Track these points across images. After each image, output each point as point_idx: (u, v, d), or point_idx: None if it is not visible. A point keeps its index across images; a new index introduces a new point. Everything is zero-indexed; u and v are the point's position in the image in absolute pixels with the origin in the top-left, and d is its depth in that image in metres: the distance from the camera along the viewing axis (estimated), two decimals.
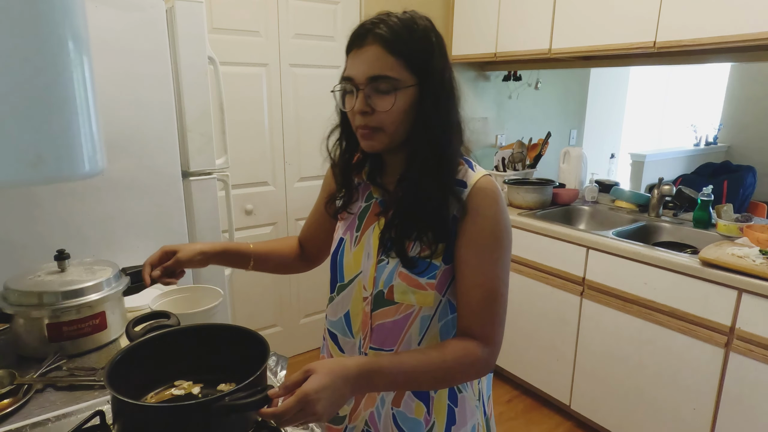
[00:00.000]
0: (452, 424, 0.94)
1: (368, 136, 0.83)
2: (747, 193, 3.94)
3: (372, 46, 0.79)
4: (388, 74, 0.79)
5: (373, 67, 0.79)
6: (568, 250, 2.24)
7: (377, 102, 0.80)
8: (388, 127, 0.82)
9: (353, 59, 0.82)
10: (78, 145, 0.47)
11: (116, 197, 1.57)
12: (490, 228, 0.84)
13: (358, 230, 0.94)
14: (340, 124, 0.93)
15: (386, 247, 0.88)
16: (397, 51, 0.79)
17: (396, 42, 0.79)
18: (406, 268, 0.86)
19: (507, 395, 2.60)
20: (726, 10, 1.87)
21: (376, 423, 0.94)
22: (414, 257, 0.85)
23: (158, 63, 1.59)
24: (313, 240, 1.13)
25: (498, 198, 0.86)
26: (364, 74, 0.80)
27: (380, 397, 0.93)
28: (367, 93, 0.81)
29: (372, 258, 0.91)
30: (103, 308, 1.11)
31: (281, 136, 2.65)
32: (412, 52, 0.80)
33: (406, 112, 0.82)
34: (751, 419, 1.73)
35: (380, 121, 0.81)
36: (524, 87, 3.41)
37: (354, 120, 0.84)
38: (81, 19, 0.47)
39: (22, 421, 0.86)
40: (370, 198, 0.95)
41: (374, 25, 0.80)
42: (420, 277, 0.86)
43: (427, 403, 0.92)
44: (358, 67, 0.80)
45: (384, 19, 0.81)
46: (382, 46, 0.79)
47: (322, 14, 2.63)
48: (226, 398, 0.68)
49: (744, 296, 1.70)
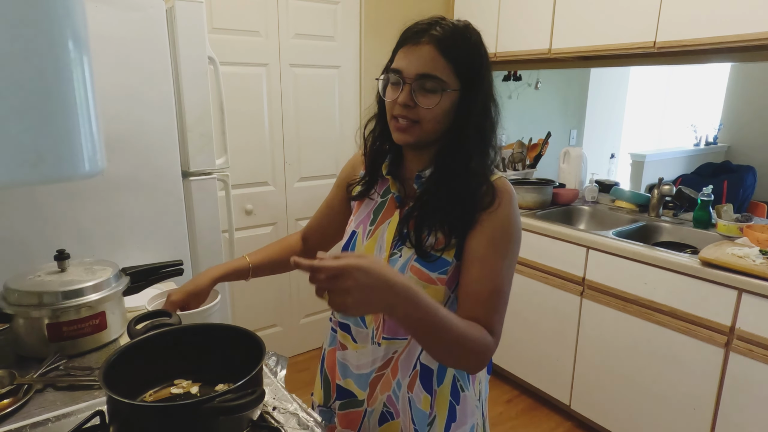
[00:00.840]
0: (452, 421, 0.96)
1: (404, 128, 0.86)
2: (747, 193, 3.94)
3: (427, 45, 0.83)
4: (437, 75, 0.83)
5: (426, 65, 0.83)
6: (568, 250, 2.24)
7: (422, 99, 0.84)
8: (426, 123, 0.85)
9: (405, 53, 0.85)
10: (78, 145, 0.47)
11: (116, 197, 1.57)
12: (504, 226, 0.86)
13: (372, 224, 0.97)
14: (377, 114, 0.97)
15: (402, 238, 0.90)
16: (450, 56, 0.83)
17: (450, 47, 0.83)
18: (420, 259, 0.88)
19: (507, 395, 2.60)
20: (726, 10, 1.87)
21: (395, 404, 0.96)
22: (428, 250, 0.87)
23: (158, 62, 1.59)
24: (321, 233, 1.15)
25: (513, 200, 0.89)
26: (415, 69, 0.83)
27: (395, 381, 0.95)
28: (414, 88, 0.84)
29: (384, 251, 0.93)
30: (103, 308, 1.11)
31: (281, 136, 2.65)
32: (462, 60, 0.84)
33: (446, 113, 0.86)
34: (751, 419, 1.73)
35: (420, 116, 0.85)
36: (524, 87, 3.41)
37: (393, 110, 0.87)
38: (81, 19, 0.47)
39: (22, 421, 0.86)
40: (387, 193, 0.98)
41: (431, 26, 0.84)
42: (431, 272, 0.88)
43: (432, 396, 0.94)
44: (410, 62, 0.84)
45: (439, 21, 0.85)
46: (436, 47, 0.83)
47: (322, 14, 2.63)
48: (216, 400, 0.68)
49: (744, 296, 1.70)
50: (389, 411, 0.97)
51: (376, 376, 0.98)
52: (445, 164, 0.88)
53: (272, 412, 0.91)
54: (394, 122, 0.87)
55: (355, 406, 1.01)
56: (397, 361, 0.95)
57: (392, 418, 0.97)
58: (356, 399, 1.00)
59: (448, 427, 0.95)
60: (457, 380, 0.96)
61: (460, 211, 0.86)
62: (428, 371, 0.94)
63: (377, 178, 1.00)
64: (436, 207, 0.87)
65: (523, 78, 3.33)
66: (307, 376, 2.77)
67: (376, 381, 0.98)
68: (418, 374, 0.94)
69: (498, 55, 2.76)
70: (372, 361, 0.97)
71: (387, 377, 0.97)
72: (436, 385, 0.94)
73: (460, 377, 0.96)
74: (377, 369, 0.97)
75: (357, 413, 1.01)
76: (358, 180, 1.03)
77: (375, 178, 1.00)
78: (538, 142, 3.08)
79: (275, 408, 0.93)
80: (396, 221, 0.94)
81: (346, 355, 1.01)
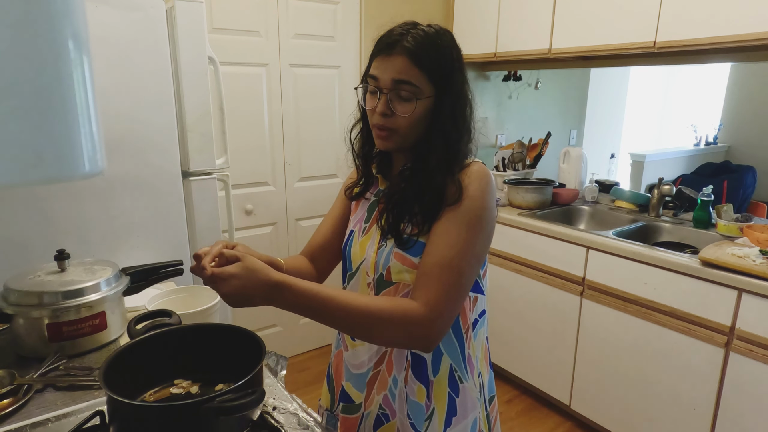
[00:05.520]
0: (453, 415, 0.96)
1: (384, 136, 0.91)
2: (747, 193, 3.93)
3: (399, 56, 0.86)
4: (411, 81, 0.86)
5: (399, 74, 0.86)
6: (568, 250, 2.24)
7: (398, 107, 0.87)
8: (403, 130, 0.89)
9: (380, 63, 0.88)
10: (78, 145, 0.47)
11: (116, 197, 1.57)
12: (471, 206, 0.87)
13: (367, 222, 1.00)
14: (361, 119, 1.00)
15: (383, 231, 0.94)
16: (421, 64, 0.85)
17: (422, 56, 0.85)
18: (399, 247, 0.91)
19: (507, 395, 2.60)
20: (726, 10, 1.87)
21: (390, 404, 0.97)
22: (405, 237, 0.91)
23: (158, 63, 1.59)
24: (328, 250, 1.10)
25: (485, 180, 0.89)
26: (389, 77, 0.86)
27: (392, 378, 0.96)
28: (390, 97, 0.87)
29: (375, 245, 0.96)
30: (103, 308, 1.11)
31: (281, 136, 2.65)
32: (434, 67, 0.87)
33: (422, 118, 0.89)
34: (751, 419, 1.73)
35: (397, 124, 0.88)
36: (524, 87, 3.41)
37: (372, 118, 0.91)
38: (81, 19, 0.47)
39: (22, 421, 0.86)
40: (379, 192, 1.01)
41: (402, 37, 0.86)
42: (413, 257, 0.90)
43: (427, 387, 0.94)
44: (384, 72, 0.87)
45: (410, 30, 0.87)
46: (408, 58, 0.85)
47: (322, 14, 2.63)
48: (216, 400, 0.68)
49: (744, 296, 1.70)
50: (384, 413, 0.97)
51: (372, 375, 0.98)
52: (417, 162, 0.92)
53: (272, 412, 0.91)
54: (375, 130, 0.91)
55: (352, 411, 1.02)
56: (391, 356, 0.96)
57: (387, 420, 0.97)
58: (353, 404, 1.01)
59: (449, 422, 0.95)
60: (455, 370, 0.96)
61: (427, 202, 0.89)
62: (420, 360, 0.94)
63: (372, 179, 1.04)
64: (408, 198, 0.91)
65: (523, 78, 3.33)
66: (307, 376, 2.77)
67: (373, 380, 0.98)
68: (410, 364, 0.95)
69: (498, 55, 2.76)
70: (368, 358, 0.98)
71: (383, 375, 0.97)
72: (431, 375, 0.94)
73: (457, 367, 0.96)
74: (373, 366, 0.98)
75: (354, 419, 1.01)
76: (356, 181, 1.06)
77: (370, 178, 1.04)
78: (538, 142, 3.08)
79: (275, 408, 0.93)
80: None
81: (348, 355, 1.03)
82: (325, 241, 1.10)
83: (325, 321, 0.82)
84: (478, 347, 1.00)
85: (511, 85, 3.32)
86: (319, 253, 1.10)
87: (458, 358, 0.96)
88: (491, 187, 0.91)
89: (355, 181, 1.06)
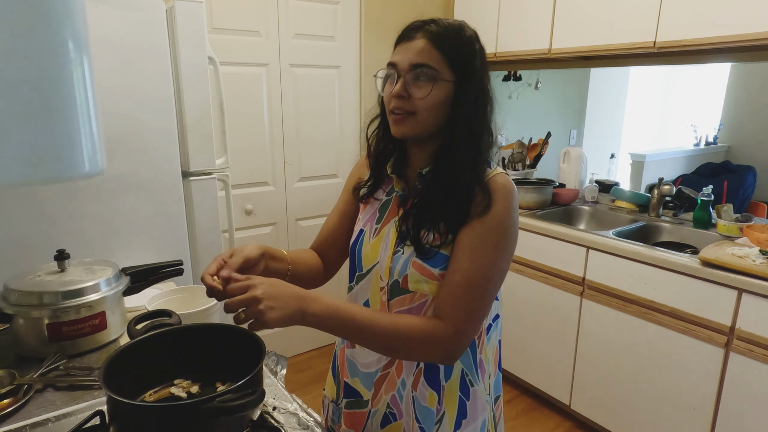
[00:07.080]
0: (463, 418, 0.95)
1: (400, 120, 0.88)
2: (747, 193, 3.93)
3: (420, 39, 0.85)
4: (429, 63, 0.84)
5: (418, 56, 0.85)
6: (568, 250, 2.24)
7: (414, 89, 0.86)
8: (420, 113, 0.86)
9: (400, 48, 0.88)
10: (78, 145, 0.47)
11: (116, 197, 1.57)
12: (495, 222, 0.85)
13: (379, 222, 0.98)
14: (380, 114, 0.98)
15: (402, 237, 0.92)
16: (442, 48, 0.85)
17: (443, 40, 0.85)
18: (420, 256, 0.89)
19: (507, 395, 2.60)
20: (726, 10, 1.87)
21: (398, 404, 0.96)
22: (426, 246, 0.88)
23: (158, 63, 1.59)
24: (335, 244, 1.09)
25: (510, 196, 0.88)
26: (407, 61, 0.85)
27: (400, 380, 0.96)
28: (407, 80, 0.86)
29: (389, 249, 0.94)
30: (103, 308, 1.11)
31: (281, 136, 2.65)
32: (455, 52, 0.86)
33: (440, 104, 0.86)
34: (751, 419, 1.73)
35: (414, 106, 0.86)
36: (524, 87, 3.41)
37: (389, 103, 0.89)
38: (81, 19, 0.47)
39: (22, 421, 0.86)
40: (392, 192, 0.99)
41: (425, 23, 0.87)
42: (433, 268, 0.88)
43: (439, 392, 0.94)
44: (403, 55, 0.86)
45: (435, 19, 0.88)
46: (429, 40, 0.85)
47: (322, 14, 2.63)
48: (216, 400, 0.68)
49: (744, 296, 1.70)
50: (392, 412, 0.97)
51: (381, 375, 0.98)
52: (440, 162, 0.89)
53: (272, 412, 0.91)
54: (392, 116, 0.89)
55: (360, 406, 1.01)
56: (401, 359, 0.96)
57: (395, 419, 0.97)
58: (362, 399, 1.01)
59: (459, 424, 0.95)
60: (466, 374, 0.95)
61: (453, 210, 0.87)
62: (433, 366, 0.94)
63: (382, 178, 1.01)
64: (431, 205, 0.88)
65: (523, 78, 3.33)
66: (307, 376, 2.77)
67: (381, 380, 0.98)
68: (422, 371, 0.94)
69: (498, 55, 2.76)
70: (377, 359, 0.98)
71: (392, 376, 0.97)
72: (443, 381, 0.94)
73: (468, 371, 0.95)
74: (382, 367, 0.97)
75: (362, 414, 1.01)
76: (365, 182, 1.03)
77: (380, 179, 1.01)
78: (538, 142, 3.08)
79: (275, 408, 0.93)
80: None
81: (354, 353, 1.02)
82: (331, 236, 1.10)
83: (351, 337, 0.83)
84: (490, 351, 0.99)
85: (511, 85, 3.32)
86: (327, 248, 1.10)
87: (470, 363, 0.95)
88: (516, 202, 0.89)
89: (364, 182, 1.03)
